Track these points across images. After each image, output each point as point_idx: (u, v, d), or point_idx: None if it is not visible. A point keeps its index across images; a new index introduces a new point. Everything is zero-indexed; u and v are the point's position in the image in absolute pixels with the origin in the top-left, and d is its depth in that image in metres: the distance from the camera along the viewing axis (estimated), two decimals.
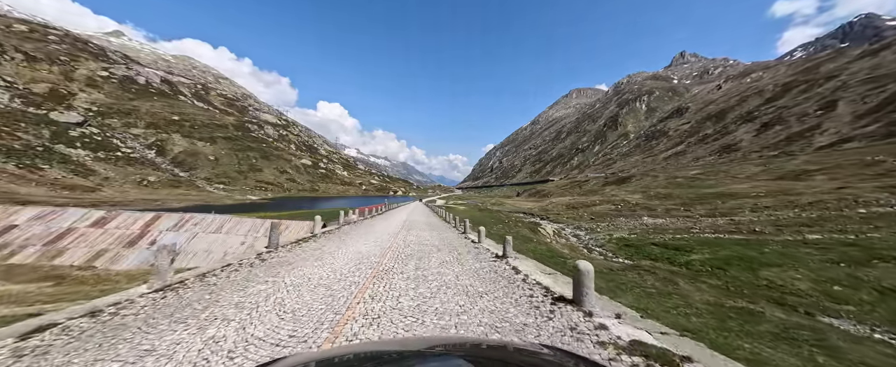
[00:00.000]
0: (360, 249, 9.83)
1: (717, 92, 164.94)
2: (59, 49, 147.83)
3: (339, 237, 12.51)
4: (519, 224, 29.14)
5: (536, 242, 21.10)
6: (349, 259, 8.05)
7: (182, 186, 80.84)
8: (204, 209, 45.71)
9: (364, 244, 10.83)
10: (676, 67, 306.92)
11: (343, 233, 13.86)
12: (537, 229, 27.03)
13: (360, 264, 7.52)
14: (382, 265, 7.41)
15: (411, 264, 7.66)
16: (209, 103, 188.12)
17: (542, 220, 41.54)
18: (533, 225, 29.77)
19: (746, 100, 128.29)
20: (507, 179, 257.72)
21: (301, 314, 4.24)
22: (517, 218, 36.38)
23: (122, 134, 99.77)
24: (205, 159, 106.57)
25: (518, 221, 32.71)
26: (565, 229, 30.95)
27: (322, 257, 8.37)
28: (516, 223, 29.76)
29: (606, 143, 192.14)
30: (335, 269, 6.89)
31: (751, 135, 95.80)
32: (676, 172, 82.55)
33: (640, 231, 26.89)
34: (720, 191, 44.30)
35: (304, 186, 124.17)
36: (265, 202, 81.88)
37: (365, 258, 8.27)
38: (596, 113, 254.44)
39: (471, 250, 10.46)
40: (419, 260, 8.26)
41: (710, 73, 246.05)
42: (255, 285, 5.55)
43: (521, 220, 34.94)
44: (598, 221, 36.06)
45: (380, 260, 8.03)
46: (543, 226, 30.08)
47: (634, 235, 25.13)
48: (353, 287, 5.52)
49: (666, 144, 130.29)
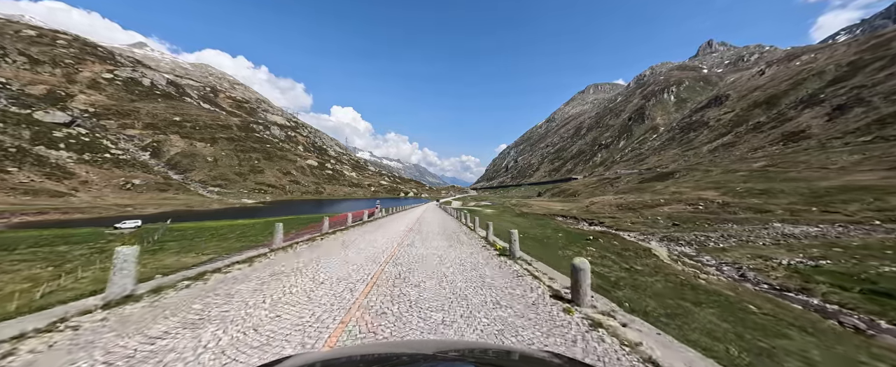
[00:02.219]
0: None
1: (761, 78, 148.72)
2: (65, 53, 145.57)
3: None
4: (590, 241, 18.51)
5: (675, 282, 10.43)
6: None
7: (171, 189, 73.42)
8: (163, 218, 35.80)
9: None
10: (704, 57, 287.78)
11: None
12: (636, 249, 16.26)
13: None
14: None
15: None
16: (217, 105, 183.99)
17: (594, 226, 30.54)
18: (620, 243, 19.01)
19: (802, 83, 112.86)
20: (524, 178, 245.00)
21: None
22: (576, 229, 25.55)
23: (117, 135, 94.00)
24: (202, 161, 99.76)
25: (578, 232, 21.93)
26: (671, 245, 19.93)
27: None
28: (584, 240, 19.12)
29: (633, 137, 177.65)
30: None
31: (821, 120, 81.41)
32: (734, 166, 69.95)
33: (809, 248, 15.72)
34: (839, 185, 32.26)
35: (308, 188, 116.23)
36: (260, 206, 73.67)
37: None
38: (618, 107, 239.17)
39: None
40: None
41: (745, 59, 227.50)
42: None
43: (580, 230, 24.14)
44: (685, 228, 24.82)
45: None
46: (637, 244, 19.19)
47: (819, 258, 14.02)
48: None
49: (708, 135, 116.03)
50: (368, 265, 6.54)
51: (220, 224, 34.84)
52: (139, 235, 27.05)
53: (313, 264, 6.57)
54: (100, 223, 38.56)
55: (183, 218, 43.36)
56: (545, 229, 22.51)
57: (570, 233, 20.66)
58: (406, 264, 6.84)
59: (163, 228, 30.75)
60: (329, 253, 7.77)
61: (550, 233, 20.15)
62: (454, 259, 7.57)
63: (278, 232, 8.42)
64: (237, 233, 28.07)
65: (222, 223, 35.68)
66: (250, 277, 5.46)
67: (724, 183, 44.77)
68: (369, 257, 7.45)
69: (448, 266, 6.75)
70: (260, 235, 26.27)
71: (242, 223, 35.10)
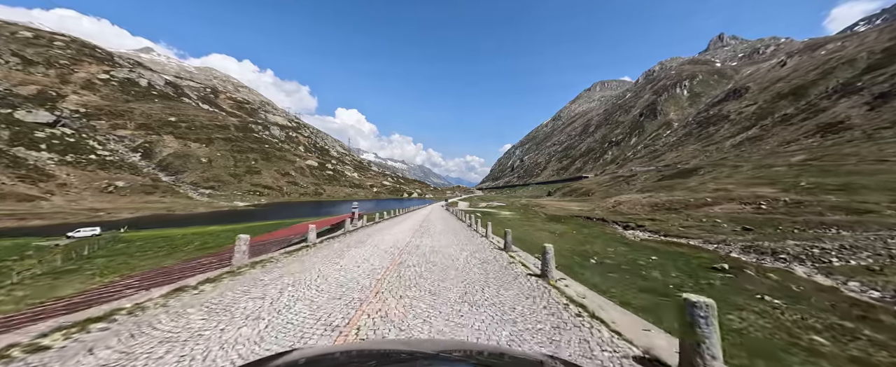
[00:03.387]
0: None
1: (782, 69, 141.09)
2: (61, 54, 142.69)
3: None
4: (720, 272, 12.84)
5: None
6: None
7: (158, 191, 68.80)
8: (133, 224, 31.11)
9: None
10: (716, 51, 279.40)
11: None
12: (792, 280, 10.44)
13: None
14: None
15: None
16: (216, 106, 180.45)
17: (634, 230, 24.74)
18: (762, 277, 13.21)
19: (832, 73, 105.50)
20: (531, 177, 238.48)
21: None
22: (645, 241, 19.85)
23: (106, 136, 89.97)
24: (196, 162, 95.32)
25: (674, 251, 16.28)
26: (774, 261, 14.15)
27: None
28: (709, 271, 13.44)
29: (645, 134, 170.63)
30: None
31: (861, 110, 74.48)
32: (766, 161, 63.72)
33: None
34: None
35: (307, 189, 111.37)
36: (252, 209, 68.70)
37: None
38: (628, 103, 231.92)
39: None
40: None
41: (761, 52, 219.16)
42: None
43: (650, 242, 18.49)
44: (766, 235, 19.03)
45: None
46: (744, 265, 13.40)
47: None
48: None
49: (729, 129, 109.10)
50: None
51: (186, 232, 29.65)
52: (74, 247, 21.95)
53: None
54: (58, 231, 33.57)
55: (155, 224, 38.33)
56: (608, 244, 16.80)
57: (657, 252, 14.82)
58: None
59: (110, 237, 25.57)
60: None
61: (625, 251, 14.40)
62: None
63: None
64: (196, 244, 22.82)
65: (189, 231, 30.48)
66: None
67: (775, 178, 38.58)
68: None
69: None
70: (225, 244, 21.02)
71: (211, 231, 29.86)
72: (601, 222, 32.59)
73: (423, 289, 5.30)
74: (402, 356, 1.00)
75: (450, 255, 8.97)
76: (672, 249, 16.81)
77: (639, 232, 24.09)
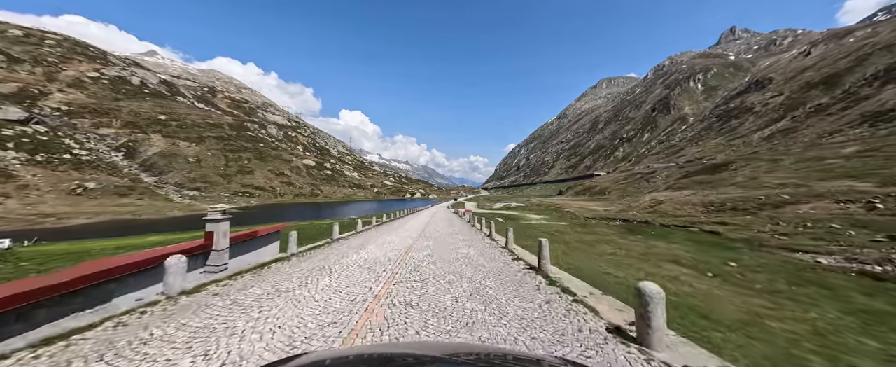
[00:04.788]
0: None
1: (807, 58, 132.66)
2: (51, 52, 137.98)
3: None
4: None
5: None
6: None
7: (134, 193, 62.87)
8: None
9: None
10: (728, 44, 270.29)
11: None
12: None
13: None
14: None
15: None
16: (213, 105, 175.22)
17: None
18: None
19: (868, 59, 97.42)
20: (538, 176, 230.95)
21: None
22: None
23: (86, 134, 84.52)
24: (183, 161, 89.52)
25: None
26: None
27: None
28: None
29: (658, 129, 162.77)
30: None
31: None
32: (810, 153, 56.38)
33: None
34: None
35: (302, 189, 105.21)
36: (235, 212, 62.34)
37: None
38: (638, 99, 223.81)
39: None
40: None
41: (778, 43, 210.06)
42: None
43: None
44: None
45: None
46: None
47: None
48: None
49: (756, 122, 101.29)
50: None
51: (120, 244, 23.22)
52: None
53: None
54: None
55: (104, 232, 32.06)
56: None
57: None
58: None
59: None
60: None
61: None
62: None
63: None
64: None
65: (127, 243, 24.04)
66: None
67: (850, 172, 31.36)
68: None
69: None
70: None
71: (149, 241, 23.39)
72: (645, 226, 25.64)
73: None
74: (408, 359, 1.00)
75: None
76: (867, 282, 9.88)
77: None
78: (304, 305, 5.11)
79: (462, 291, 5.87)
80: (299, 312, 4.79)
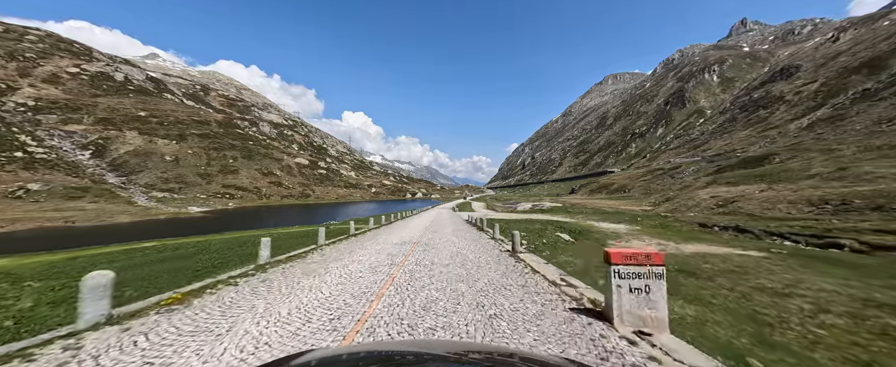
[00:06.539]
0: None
1: (837, 44, 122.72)
2: (31, 48, 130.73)
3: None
4: None
5: None
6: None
7: (88, 195, 54.97)
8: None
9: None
10: (740, 36, 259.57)
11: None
12: None
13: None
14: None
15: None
16: (204, 103, 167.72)
17: None
18: None
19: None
20: (545, 175, 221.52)
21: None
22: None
23: (50, 131, 77.05)
24: (159, 160, 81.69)
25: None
26: None
27: None
28: None
29: (674, 123, 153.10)
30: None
31: None
32: (872, 141, 47.78)
33: None
34: None
35: (293, 190, 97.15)
36: (203, 217, 54.32)
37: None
38: (649, 93, 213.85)
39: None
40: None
41: (797, 32, 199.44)
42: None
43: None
44: None
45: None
46: None
47: None
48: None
49: (790, 111, 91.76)
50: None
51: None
52: None
53: None
54: None
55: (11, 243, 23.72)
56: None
57: None
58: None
59: None
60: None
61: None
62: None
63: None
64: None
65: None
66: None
67: None
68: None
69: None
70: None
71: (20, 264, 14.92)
72: (739, 232, 16.80)
73: None
74: (408, 358, 1.00)
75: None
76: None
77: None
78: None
79: None
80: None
